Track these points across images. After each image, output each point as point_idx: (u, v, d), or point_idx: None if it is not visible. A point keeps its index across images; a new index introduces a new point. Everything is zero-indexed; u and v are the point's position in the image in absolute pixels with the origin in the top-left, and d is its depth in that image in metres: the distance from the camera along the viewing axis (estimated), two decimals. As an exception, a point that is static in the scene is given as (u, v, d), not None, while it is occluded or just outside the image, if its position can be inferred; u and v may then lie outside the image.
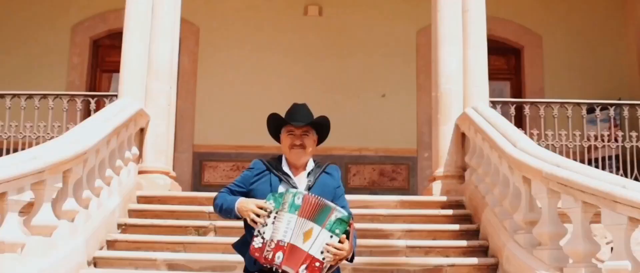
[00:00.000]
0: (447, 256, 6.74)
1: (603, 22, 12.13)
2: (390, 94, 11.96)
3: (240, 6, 12.08)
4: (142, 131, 8.32)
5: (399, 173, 11.80)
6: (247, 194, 3.66)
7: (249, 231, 3.53)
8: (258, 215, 3.45)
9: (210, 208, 7.37)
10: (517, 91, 12.30)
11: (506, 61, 12.49)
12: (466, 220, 7.51)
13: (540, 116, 8.83)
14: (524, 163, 6.14)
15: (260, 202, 3.49)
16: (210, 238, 6.95)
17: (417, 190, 11.10)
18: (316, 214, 3.42)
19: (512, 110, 8.86)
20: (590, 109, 9.20)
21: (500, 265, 6.43)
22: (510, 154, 6.45)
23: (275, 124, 3.84)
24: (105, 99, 8.68)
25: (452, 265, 6.49)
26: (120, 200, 7.36)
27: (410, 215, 7.58)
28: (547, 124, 9.04)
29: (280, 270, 3.41)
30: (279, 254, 3.38)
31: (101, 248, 6.72)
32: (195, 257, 6.49)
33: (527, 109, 8.97)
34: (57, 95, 8.79)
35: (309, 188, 3.64)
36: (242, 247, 3.63)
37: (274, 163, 3.75)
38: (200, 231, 7.06)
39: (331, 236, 3.41)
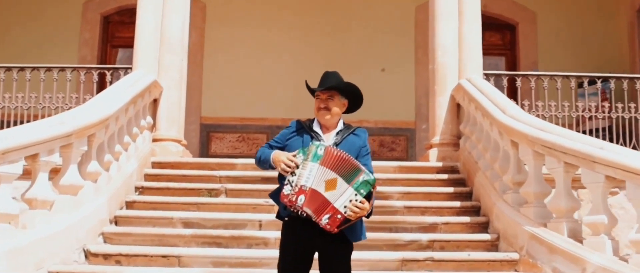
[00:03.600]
0: (441, 215, 7.22)
1: (595, -1, 12.52)
2: (389, 69, 12.31)
3: (245, -17, 12.43)
4: (155, 101, 8.73)
5: (397, 144, 12.21)
6: (283, 148, 4.17)
7: (282, 182, 4.03)
8: (288, 166, 3.94)
9: (221, 173, 7.94)
10: (512, 66, 12.62)
11: (501, 37, 12.84)
12: (460, 184, 7.96)
13: (531, 87, 9.23)
14: (512, 128, 6.61)
15: (290, 154, 4.00)
16: (222, 199, 7.45)
17: (415, 160, 11.35)
18: (342, 168, 3.88)
19: (505, 82, 9.24)
20: (582, 83, 9.58)
21: (491, 223, 6.93)
22: (500, 121, 6.92)
23: (310, 90, 4.34)
24: (120, 72, 9.09)
25: (447, 223, 6.99)
26: (137, 164, 7.82)
27: (407, 179, 8.04)
28: (540, 96, 9.41)
29: (303, 214, 3.90)
30: (301, 197, 3.87)
31: (121, 208, 7.21)
32: (209, 216, 6.97)
33: (519, 81, 9.35)
34: (75, 68, 9.23)
35: (336, 145, 4.11)
36: (276, 196, 4.13)
37: (307, 123, 4.26)
38: (212, 193, 7.55)
39: (356, 195, 3.90)
